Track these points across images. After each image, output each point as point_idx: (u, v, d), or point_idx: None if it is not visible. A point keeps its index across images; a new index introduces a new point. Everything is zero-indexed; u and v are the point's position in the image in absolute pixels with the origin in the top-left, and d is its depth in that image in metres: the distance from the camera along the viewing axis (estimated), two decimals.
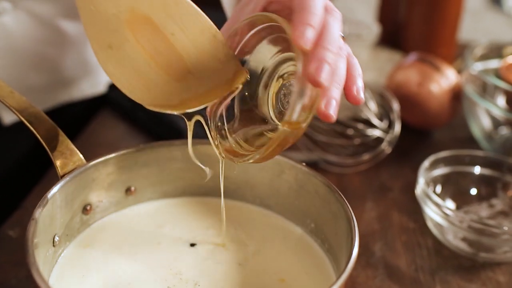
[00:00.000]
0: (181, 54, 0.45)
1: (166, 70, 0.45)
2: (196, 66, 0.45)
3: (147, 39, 0.44)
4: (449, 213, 0.64)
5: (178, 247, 0.55)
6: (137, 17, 0.43)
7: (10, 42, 0.77)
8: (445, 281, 0.62)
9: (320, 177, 0.54)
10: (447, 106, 0.86)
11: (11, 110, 0.53)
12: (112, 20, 0.43)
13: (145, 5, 0.43)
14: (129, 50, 0.44)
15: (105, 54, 0.44)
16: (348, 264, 0.44)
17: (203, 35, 0.44)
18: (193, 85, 0.46)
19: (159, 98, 0.46)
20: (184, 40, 0.44)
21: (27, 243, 0.44)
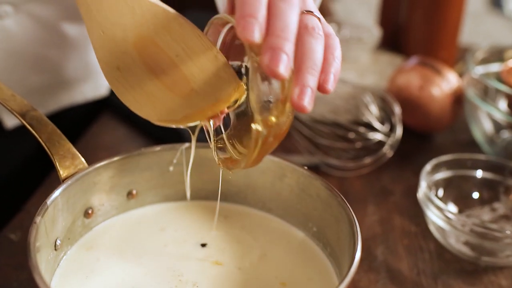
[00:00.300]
0: (185, 74, 0.47)
1: (171, 88, 0.48)
2: (199, 84, 0.48)
3: (153, 60, 0.47)
4: (451, 216, 0.64)
5: (181, 249, 0.55)
6: (143, 41, 0.46)
7: (11, 45, 0.77)
8: (447, 285, 0.62)
9: (322, 181, 0.54)
10: (449, 109, 0.86)
11: (12, 113, 0.53)
12: (120, 43, 0.46)
13: (151, 30, 0.46)
14: (136, 71, 0.47)
15: (114, 75, 0.47)
16: (350, 268, 0.43)
17: (205, 55, 0.47)
18: (196, 101, 0.49)
19: (165, 114, 0.49)
20: (187, 61, 0.47)
21: (29, 247, 0.44)
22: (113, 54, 0.46)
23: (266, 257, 0.54)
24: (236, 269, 0.53)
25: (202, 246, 0.55)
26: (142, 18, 0.45)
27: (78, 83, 0.88)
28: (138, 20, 0.45)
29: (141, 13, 0.45)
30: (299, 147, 0.82)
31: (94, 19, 0.45)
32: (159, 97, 0.48)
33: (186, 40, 0.46)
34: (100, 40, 0.46)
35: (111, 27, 0.45)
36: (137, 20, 0.45)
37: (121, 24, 0.45)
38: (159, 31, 0.46)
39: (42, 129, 0.53)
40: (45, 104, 0.84)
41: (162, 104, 0.48)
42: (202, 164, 0.58)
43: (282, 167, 0.57)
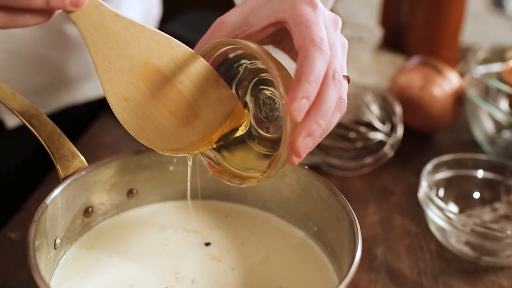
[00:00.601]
0: (189, 100, 0.49)
1: (176, 115, 0.49)
2: (202, 110, 0.50)
3: (159, 88, 0.48)
4: (452, 216, 0.64)
5: (182, 249, 0.55)
6: (149, 70, 0.47)
7: (13, 45, 0.77)
8: (448, 285, 0.62)
9: (323, 180, 0.54)
10: (450, 109, 0.85)
11: (12, 112, 0.53)
12: (127, 74, 0.47)
13: (156, 58, 0.47)
14: (142, 100, 0.48)
15: (121, 106, 0.47)
16: (350, 268, 0.43)
17: (207, 80, 0.49)
18: (201, 127, 0.50)
19: (171, 143, 0.50)
20: (191, 87, 0.49)
21: (28, 246, 0.44)
22: (120, 85, 0.47)
23: (265, 256, 0.54)
24: (236, 269, 0.53)
25: (206, 245, 0.55)
26: (147, 47, 0.46)
27: (79, 83, 0.88)
28: (143, 50, 0.46)
29: (146, 42, 0.46)
30: None
31: (100, 51, 0.46)
32: (165, 125, 0.49)
33: (189, 66, 0.48)
34: (107, 72, 0.46)
35: (117, 58, 0.46)
36: (142, 49, 0.46)
37: (127, 55, 0.46)
38: (163, 59, 0.47)
39: (42, 128, 0.53)
40: (46, 103, 0.84)
41: (168, 132, 0.49)
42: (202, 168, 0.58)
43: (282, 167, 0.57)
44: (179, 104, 0.49)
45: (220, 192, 0.61)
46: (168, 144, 0.50)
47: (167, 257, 0.54)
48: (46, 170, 0.76)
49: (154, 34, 0.46)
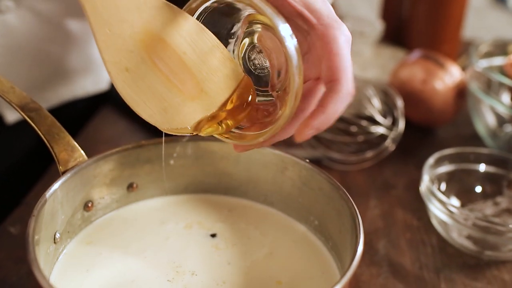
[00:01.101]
0: (194, 72, 0.47)
1: (181, 89, 0.47)
2: (208, 84, 0.47)
3: (162, 58, 0.46)
4: (454, 210, 0.64)
5: (183, 242, 0.55)
6: (151, 38, 0.45)
7: (13, 40, 0.77)
8: (450, 279, 0.62)
9: (324, 174, 0.53)
10: (451, 103, 0.85)
11: (11, 105, 0.53)
12: (128, 41, 0.44)
13: (158, 26, 0.45)
14: (145, 71, 0.45)
15: (123, 77, 0.45)
16: (352, 262, 0.43)
17: (211, 52, 0.47)
18: (206, 104, 0.48)
19: (176, 121, 0.47)
20: (195, 58, 0.46)
21: (27, 240, 0.43)
22: (121, 53, 0.44)
23: (271, 255, 0.54)
24: (237, 263, 0.52)
25: (212, 237, 0.55)
26: (149, 14, 0.44)
27: (79, 77, 0.88)
28: (145, 17, 0.44)
29: (147, 9, 0.44)
30: None
31: (100, 17, 0.43)
32: (170, 100, 0.46)
33: (192, 36, 0.46)
34: (107, 40, 0.44)
35: (117, 24, 0.44)
36: (144, 16, 0.44)
37: (128, 21, 0.44)
38: (166, 27, 0.45)
39: (42, 122, 0.52)
40: (46, 98, 0.84)
41: (173, 108, 0.47)
42: (203, 156, 0.58)
43: (283, 161, 0.56)
44: (184, 77, 0.46)
45: (220, 186, 0.60)
46: (173, 121, 0.47)
47: (168, 251, 0.53)
48: (46, 164, 0.76)
49: (156, 1, 0.44)
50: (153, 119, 0.47)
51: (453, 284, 0.61)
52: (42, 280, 0.40)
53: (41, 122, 0.52)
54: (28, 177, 0.78)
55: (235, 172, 0.58)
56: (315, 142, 0.80)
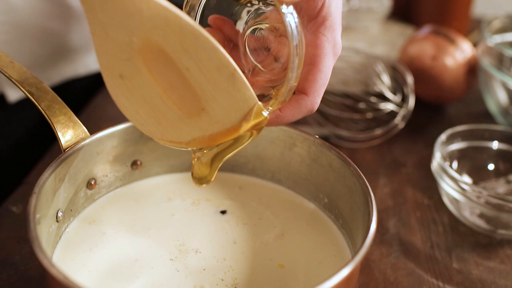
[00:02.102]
0: (196, 90, 0.42)
1: (179, 105, 0.43)
2: (211, 104, 0.43)
3: (160, 71, 0.41)
4: (466, 188, 0.62)
5: (191, 217, 0.53)
6: (150, 48, 0.41)
7: (14, 16, 0.75)
8: (462, 258, 0.60)
9: (334, 150, 0.52)
10: (462, 80, 0.83)
11: (10, 80, 0.51)
12: (124, 48, 0.41)
13: (160, 36, 0.40)
14: (141, 81, 0.42)
15: (116, 83, 0.42)
16: (365, 240, 0.41)
17: (220, 72, 0.41)
18: (206, 124, 0.44)
19: (170, 134, 0.44)
20: (199, 76, 0.41)
21: (28, 218, 0.42)
22: (116, 60, 0.41)
23: (283, 237, 0.52)
24: (243, 242, 0.51)
25: (222, 213, 0.54)
26: (151, 22, 0.39)
27: (81, 55, 0.86)
28: (147, 24, 0.40)
29: (150, 16, 0.39)
30: (308, 118, 0.80)
31: (97, 18, 0.40)
32: (165, 113, 0.43)
33: (199, 52, 0.40)
34: (103, 43, 0.41)
35: (115, 29, 0.40)
36: (146, 24, 0.40)
37: (127, 27, 0.40)
38: (170, 39, 0.40)
39: (42, 97, 0.51)
40: (48, 76, 0.82)
41: (168, 122, 0.43)
42: None
43: (292, 137, 0.55)
44: (183, 94, 0.42)
45: (227, 164, 0.58)
46: (167, 134, 0.44)
47: (173, 228, 0.52)
48: (48, 143, 0.75)
49: (162, 9, 0.39)
50: (145, 129, 0.44)
51: (466, 263, 0.60)
52: (43, 259, 0.39)
53: (41, 97, 0.51)
54: (30, 156, 0.77)
55: (242, 148, 0.57)
56: (323, 119, 0.78)
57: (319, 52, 0.45)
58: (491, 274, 0.59)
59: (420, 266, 0.59)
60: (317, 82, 0.46)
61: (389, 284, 0.56)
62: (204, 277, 0.47)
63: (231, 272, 0.48)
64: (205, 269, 0.48)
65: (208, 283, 0.46)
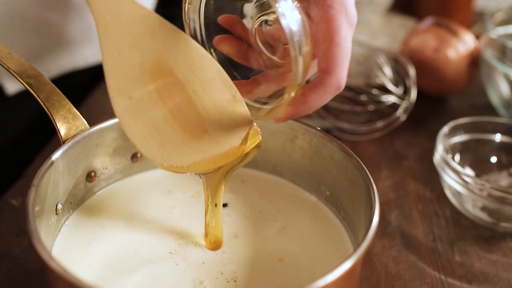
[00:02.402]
0: (200, 112, 0.44)
1: (184, 127, 0.44)
2: (213, 126, 0.44)
3: (169, 92, 0.43)
4: (469, 180, 0.61)
5: (191, 209, 0.53)
6: (161, 69, 0.42)
7: (12, 7, 0.75)
8: (464, 251, 0.60)
9: (336, 142, 0.51)
10: (464, 72, 0.82)
11: (9, 72, 0.50)
12: (136, 69, 0.42)
13: (171, 58, 0.41)
14: (148, 102, 0.43)
15: (124, 104, 0.42)
16: (368, 233, 0.41)
17: (223, 94, 0.43)
18: (208, 146, 0.45)
19: (172, 158, 0.45)
20: (204, 98, 0.43)
21: (27, 210, 0.41)
22: (127, 80, 0.42)
23: (285, 230, 0.51)
24: (244, 236, 0.50)
25: (223, 206, 0.53)
26: (163, 43, 0.41)
27: (80, 47, 0.85)
28: (158, 46, 0.41)
29: (163, 38, 0.41)
30: None
31: (111, 38, 0.41)
32: (169, 136, 0.44)
33: (205, 74, 0.42)
34: (115, 64, 0.41)
35: (128, 49, 0.41)
36: (157, 45, 0.41)
37: (140, 47, 0.41)
38: (179, 60, 0.41)
39: (41, 89, 0.50)
40: (47, 68, 0.81)
41: (172, 145, 0.44)
42: None
43: (293, 129, 0.54)
44: (188, 115, 0.43)
45: None
46: (169, 158, 0.45)
47: (173, 221, 0.51)
48: (48, 136, 0.74)
49: (173, 31, 0.41)
50: (148, 152, 0.44)
51: (468, 256, 0.59)
52: (42, 252, 0.38)
53: (40, 89, 0.50)
54: (30, 149, 0.76)
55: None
56: (324, 112, 0.77)
57: (331, 26, 0.43)
58: (493, 267, 0.58)
59: (422, 259, 0.58)
60: (337, 57, 0.43)
61: (391, 277, 0.56)
62: (203, 270, 0.47)
63: (231, 265, 0.47)
64: (204, 262, 0.48)
65: (207, 277, 0.46)
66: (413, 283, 0.56)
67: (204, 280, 0.46)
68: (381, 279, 0.56)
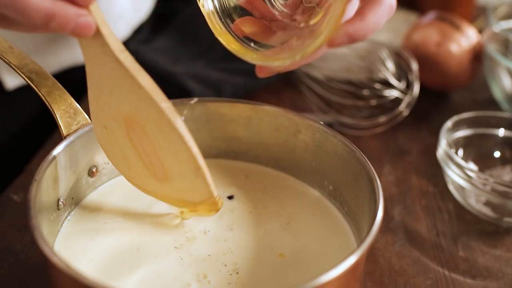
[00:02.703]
0: (164, 166, 0.46)
1: (148, 167, 0.47)
2: (175, 181, 0.47)
3: (138, 139, 0.45)
4: (472, 175, 0.61)
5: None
6: (133, 122, 0.45)
7: None
8: (468, 246, 0.60)
9: (340, 137, 0.51)
10: (467, 66, 0.82)
11: (10, 66, 0.50)
12: (113, 111, 0.45)
13: (143, 117, 0.44)
14: (120, 138, 0.46)
15: (100, 129, 0.47)
16: (372, 227, 0.41)
17: (187, 165, 0.45)
18: (168, 190, 0.48)
19: (137, 181, 0.49)
20: (169, 158, 0.45)
21: (29, 205, 0.41)
22: (104, 114, 0.46)
23: (288, 226, 0.51)
24: (246, 226, 0.50)
25: (229, 199, 0.53)
26: (137, 104, 0.43)
27: None
28: (133, 104, 0.43)
29: (137, 100, 0.43)
30: (311, 105, 0.79)
31: (95, 79, 0.44)
32: (135, 165, 0.47)
33: (173, 144, 0.44)
34: (97, 96, 0.45)
35: (108, 94, 0.44)
36: (133, 103, 0.43)
37: (117, 98, 0.44)
38: (150, 122, 0.44)
39: (42, 83, 0.50)
40: (47, 63, 0.81)
41: (137, 173, 0.48)
42: (211, 120, 0.55)
43: (296, 123, 0.54)
44: (154, 162, 0.46)
45: (229, 151, 0.58)
46: (134, 180, 0.49)
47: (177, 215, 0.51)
48: (49, 131, 0.74)
49: (149, 98, 0.42)
50: (117, 167, 0.49)
51: (472, 251, 0.59)
52: (44, 247, 0.38)
53: (41, 83, 0.50)
54: (31, 144, 0.76)
55: (244, 135, 0.56)
56: (326, 106, 0.77)
57: None
58: (497, 262, 0.58)
59: (425, 254, 0.58)
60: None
61: (395, 272, 0.56)
62: (207, 264, 0.46)
63: (231, 255, 0.47)
64: (210, 255, 0.47)
65: (210, 270, 0.46)
66: (417, 278, 0.55)
67: (208, 274, 0.45)
68: (384, 274, 0.56)
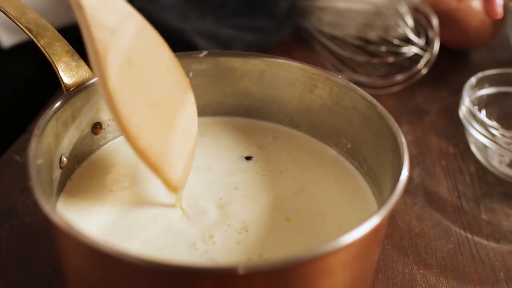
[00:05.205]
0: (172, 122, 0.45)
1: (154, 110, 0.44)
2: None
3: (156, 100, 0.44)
4: (496, 133, 0.58)
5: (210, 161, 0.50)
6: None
7: None
8: (491, 209, 0.57)
9: (360, 91, 0.47)
10: (489, 23, 0.78)
11: (6, 15, 0.47)
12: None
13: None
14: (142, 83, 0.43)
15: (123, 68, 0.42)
16: (397, 186, 0.38)
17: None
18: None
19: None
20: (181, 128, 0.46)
21: (28, 162, 0.38)
22: None
23: (302, 192, 0.47)
24: (258, 188, 0.47)
25: (247, 159, 0.50)
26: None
27: None
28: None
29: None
30: (324, 63, 0.75)
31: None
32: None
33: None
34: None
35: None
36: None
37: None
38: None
39: (41, 33, 0.47)
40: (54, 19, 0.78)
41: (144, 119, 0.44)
42: (222, 74, 0.52)
43: (312, 77, 0.50)
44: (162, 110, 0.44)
45: (240, 108, 0.55)
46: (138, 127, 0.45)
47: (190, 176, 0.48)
48: (52, 90, 0.71)
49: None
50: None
51: (495, 214, 0.56)
52: (44, 205, 0.35)
53: (41, 34, 0.47)
54: (34, 104, 0.73)
55: (257, 91, 0.53)
56: (340, 64, 0.73)
57: None
58: None
59: (446, 217, 0.55)
60: None
61: (415, 235, 0.53)
62: (212, 224, 0.44)
63: (237, 216, 0.44)
64: (213, 216, 0.44)
65: (216, 231, 0.43)
66: (438, 241, 0.53)
67: (214, 234, 0.43)
68: (404, 237, 0.53)
